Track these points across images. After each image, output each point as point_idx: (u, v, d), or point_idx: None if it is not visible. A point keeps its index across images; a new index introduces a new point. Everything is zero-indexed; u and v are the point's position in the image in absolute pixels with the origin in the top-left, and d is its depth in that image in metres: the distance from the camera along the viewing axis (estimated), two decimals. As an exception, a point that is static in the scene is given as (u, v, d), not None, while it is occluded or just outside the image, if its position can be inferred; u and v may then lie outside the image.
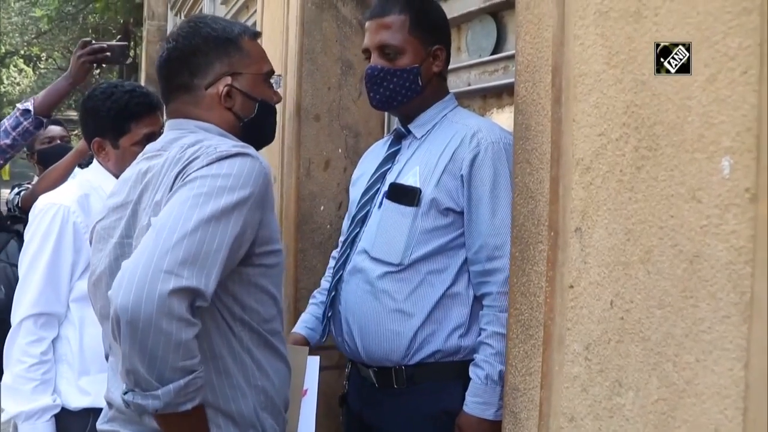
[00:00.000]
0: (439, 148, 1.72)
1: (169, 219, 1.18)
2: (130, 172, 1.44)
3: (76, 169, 2.70)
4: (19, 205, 3.16)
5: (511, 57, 1.98)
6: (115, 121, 2.01)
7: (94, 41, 2.56)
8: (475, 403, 1.62)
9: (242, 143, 1.37)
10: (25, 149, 3.43)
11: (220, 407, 1.30)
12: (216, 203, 1.20)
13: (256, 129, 1.48)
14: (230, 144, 1.32)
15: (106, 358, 1.49)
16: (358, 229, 1.82)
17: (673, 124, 0.98)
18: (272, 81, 1.52)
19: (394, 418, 1.75)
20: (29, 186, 3.33)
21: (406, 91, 1.76)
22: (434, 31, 1.78)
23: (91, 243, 1.51)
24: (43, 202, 2.04)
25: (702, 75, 0.92)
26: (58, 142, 3.31)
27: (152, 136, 2.00)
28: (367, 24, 1.82)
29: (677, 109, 0.97)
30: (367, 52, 1.81)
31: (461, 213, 1.68)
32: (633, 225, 1.05)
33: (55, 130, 3.37)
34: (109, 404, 1.40)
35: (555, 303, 1.21)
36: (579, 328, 1.16)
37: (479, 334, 1.67)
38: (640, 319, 1.04)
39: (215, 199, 1.21)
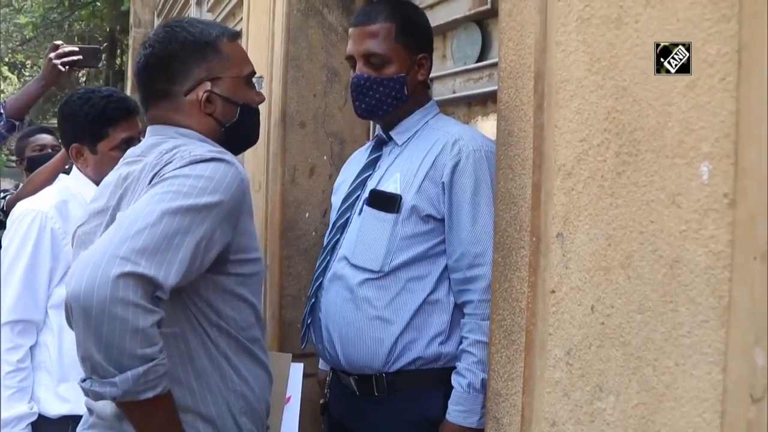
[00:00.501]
0: (420, 155, 1.72)
1: (134, 212, 1.17)
2: (112, 177, 1.43)
3: (61, 175, 2.68)
4: (4, 209, 3.14)
5: (495, 65, 1.99)
6: (93, 126, 2.00)
7: (64, 44, 2.54)
8: (458, 411, 1.62)
9: (220, 149, 1.36)
10: (15, 156, 3.41)
11: (200, 412, 1.29)
12: (183, 201, 1.18)
13: (238, 133, 1.47)
14: (207, 149, 1.32)
15: None
16: (338, 236, 1.81)
17: (653, 129, 0.98)
18: (254, 81, 1.51)
19: (375, 426, 1.74)
20: (14, 193, 3.31)
21: (392, 100, 1.75)
22: (420, 40, 1.78)
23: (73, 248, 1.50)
24: (21, 208, 2.03)
25: (682, 81, 0.93)
26: (49, 150, 3.30)
27: (131, 141, 2.00)
28: (351, 31, 1.81)
29: (658, 114, 0.97)
30: (351, 60, 1.80)
31: (442, 220, 1.68)
32: (614, 230, 1.05)
33: (46, 138, 3.38)
34: (90, 410, 1.39)
35: (537, 308, 1.22)
36: (560, 333, 1.16)
37: (460, 342, 1.67)
38: (621, 324, 1.04)
39: (183, 198, 1.19)
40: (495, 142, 1.40)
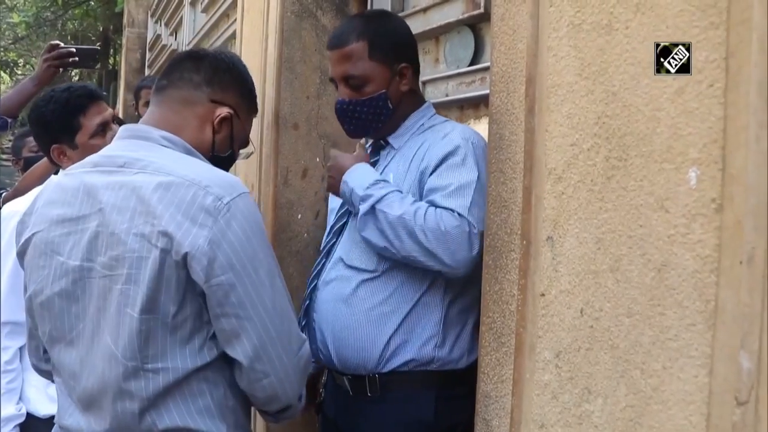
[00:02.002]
0: (411, 153, 1.74)
1: (258, 302, 1.27)
2: (77, 181, 1.34)
3: (52, 176, 2.68)
4: (0, 206, 3.13)
5: (488, 68, 2.00)
6: (64, 121, 1.99)
7: (62, 44, 2.53)
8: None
9: (210, 166, 1.38)
10: (11, 155, 3.40)
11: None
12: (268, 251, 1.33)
13: (217, 166, 1.46)
14: (219, 179, 1.30)
15: (42, 372, 1.50)
16: (334, 240, 1.83)
17: (642, 135, 1.00)
18: (241, 151, 1.58)
19: (367, 426, 1.75)
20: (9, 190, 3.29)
21: (377, 117, 1.76)
22: (397, 50, 1.77)
23: (22, 256, 1.41)
24: (6, 209, 2.03)
25: (671, 87, 0.94)
26: None
27: (106, 125, 2.00)
28: (328, 53, 1.82)
29: (647, 120, 0.98)
30: (333, 81, 1.81)
31: None
32: (603, 234, 1.06)
33: None
34: (65, 429, 1.36)
35: (527, 311, 1.22)
36: (550, 336, 1.17)
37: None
38: (609, 327, 1.05)
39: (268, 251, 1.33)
40: (486, 144, 1.41)
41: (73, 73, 13.85)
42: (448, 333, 1.69)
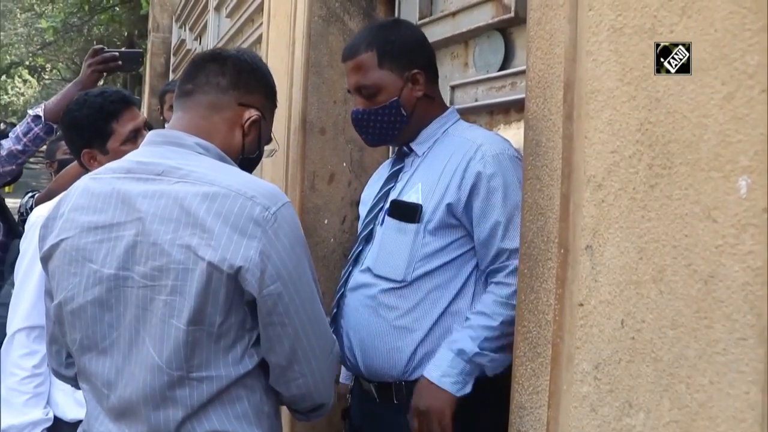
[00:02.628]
0: (441, 164, 1.72)
1: (301, 308, 1.28)
2: (108, 187, 1.32)
3: None
4: (32, 207, 3.16)
5: (518, 73, 1.97)
6: (97, 126, 1.98)
7: (105, 49, 2.55)
8: (433, 366, 1.62)
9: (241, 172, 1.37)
10: (45, 158, 3.43)
11: None
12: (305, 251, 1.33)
13: (246, 168, 1.47)
14: (262, 188, 1.29)
15: (62, 377, 1.50)
16: (361, 247, 1.82)
17: (688, 142, 0.96)
18: (266, 148, 1.58)
19: None
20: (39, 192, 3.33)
21: (393, 125, 1.76)
22: (407, 57, 1.77)
23: (46, 261, 1.38)
24: (36, 213, 2.03)
25: (719, 93, 0.91)
26: None
27: (138, 132, 1.99)
28: (343, 65, 1.85)
29: (693, 127, 0.95)
30: (350, 93, 1.83)
31: (464, 228, 1.67)
32: (646, 243, 1.03)
33: None
34: None
35: (564, 321, 1.20)
36: (588, 347, 1.14)
37: None
38: (652, 339, 1.02)
39: (308, 257, 1.34)
40: (522, 151, 1.39)
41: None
42: None
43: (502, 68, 2.07)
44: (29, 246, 1.96)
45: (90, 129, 1.98)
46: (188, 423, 1.25)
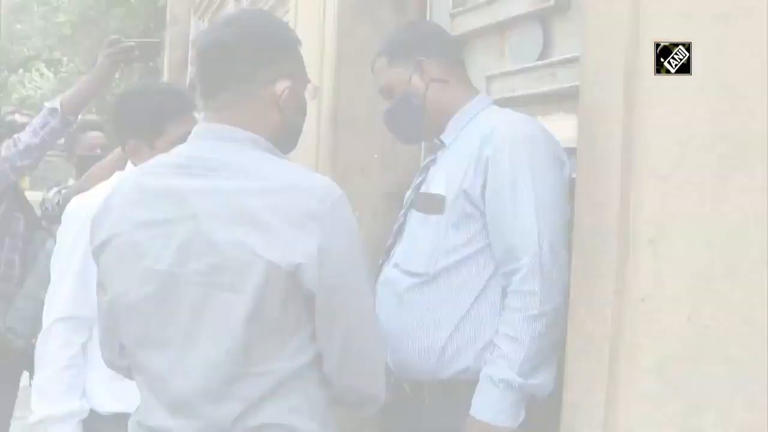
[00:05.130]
0: (461, 152, 1.68)
1: (358, 300, 1.28)
2: (160, 183, 1.30)
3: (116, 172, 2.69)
4: (59, 203, 3.14)
5: (558, 63, 1.93)
6: (151, 122, 1.95)
7: (122, 39, 2.52)
8: (480, 405, 1.57)
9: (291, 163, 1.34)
10: (64, 150, 3.43)
11: None
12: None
13: (296, 130, 1.41)
14: (317, 181, 1.27)
15: (117, 368, 1.48)
16: (393, 241, 1.81)
17: (764, 132, 0.93)
18: (309, 88, 1.43)
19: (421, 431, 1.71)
20: (66, 189, 3.31)
21: (411, 117, 1.76)
22: (411, 50, 1.76)
23: (98, 255, 1.36)
24: (74, 203, 2.02)
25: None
26: (98, 151, 3.29)
27: (186, 137, 1.97)
28: None
29: (770, 116, 0.92)
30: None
31: (483, 216, 1.63)
32: (716, 237, 1.00)
33: (95, 137, 3.37)
34: (152, 430, 1.32)
35: (624, 317, 1.16)
36: (651, 343, 1.11)
37: None
38: (723, 336, 0.99)
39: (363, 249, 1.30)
40: (577, 142, 1.35)
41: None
42: None
43: (540, 58, 2.03)
44: (66, 236, 1.95)
45: (143, 123, 1.96)
46: (244, 416, 1.24)
